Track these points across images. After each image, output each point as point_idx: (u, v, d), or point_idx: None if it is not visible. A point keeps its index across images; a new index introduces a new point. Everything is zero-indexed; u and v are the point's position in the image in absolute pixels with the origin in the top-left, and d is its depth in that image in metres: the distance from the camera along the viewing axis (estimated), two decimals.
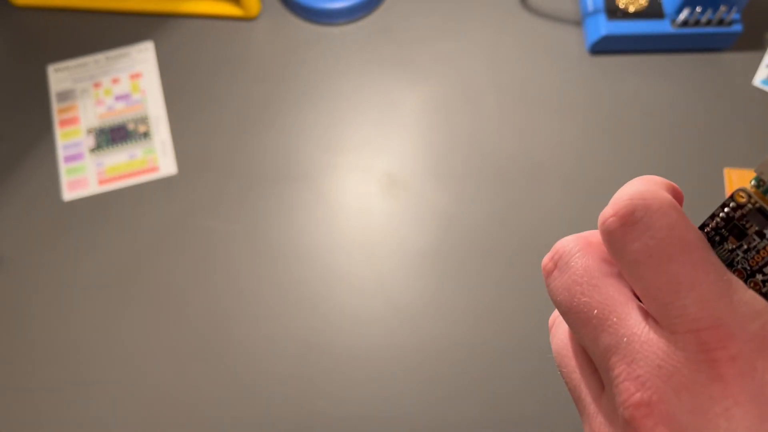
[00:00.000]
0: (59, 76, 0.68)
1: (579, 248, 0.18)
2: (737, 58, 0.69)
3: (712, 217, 0.17)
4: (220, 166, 0.65)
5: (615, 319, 0.17)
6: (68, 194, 0.64)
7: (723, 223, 0.17)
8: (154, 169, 0.65)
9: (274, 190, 0.64)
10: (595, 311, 0.17)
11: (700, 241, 0.16)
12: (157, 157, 0.65)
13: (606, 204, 0.62)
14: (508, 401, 0.57)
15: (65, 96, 0.68)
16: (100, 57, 0.69)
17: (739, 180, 0.64)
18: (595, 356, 0.17)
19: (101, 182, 0.64)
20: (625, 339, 0.16)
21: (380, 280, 0.61)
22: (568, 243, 0.19)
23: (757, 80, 0.68)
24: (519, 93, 0.68)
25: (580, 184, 0.64)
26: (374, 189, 0.64)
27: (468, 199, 0.64)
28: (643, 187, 0.17)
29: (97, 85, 0.68)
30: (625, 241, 0.17)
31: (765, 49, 0.69)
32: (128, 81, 0.68)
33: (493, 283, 0.61)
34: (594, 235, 0.19)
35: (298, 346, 0.59)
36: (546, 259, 0.19)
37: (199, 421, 0.57)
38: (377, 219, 0.63)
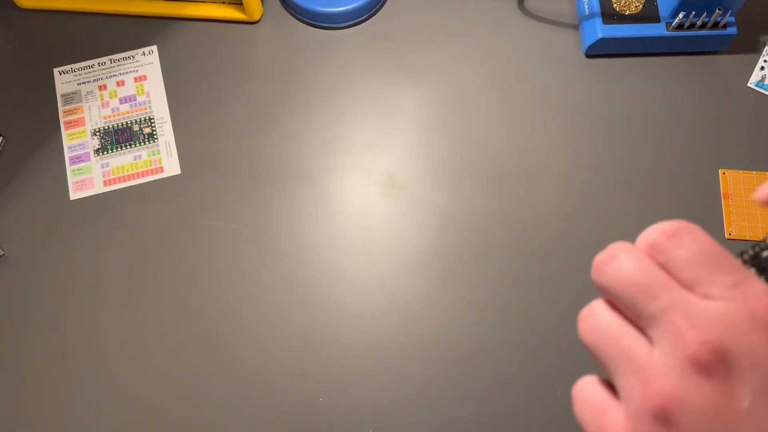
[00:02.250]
0: (65, 79, 0.70)
1: (632, 248, 0.23)
2: (732, 61, 0.70)
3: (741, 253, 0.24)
4: (223, 166, 0.66)
5: (675, 290, 0.21)
6: (74, 195, 0.65)
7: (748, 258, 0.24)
8: (158, 170, 0.66)
9: (276, 190, 0.65)
10: (656, 284, 0.22)
11: (725, 250, 0.22)
12: (162, 158, 0.66)
13: (602, 204, 0.63)
14: (505, 396, 0.58)
15: (71, 98, 0.69)
16: (105, 60, 0.70)
17: (734, 181, 0.65)
18: (653, 319, 0.22)
19: (106, 183, 0.65)
20: (683, 302, 0.21)
21: (380, 279, 0.62)
22: (622, 243, 0.24)
23: (752, 82, 0.69)
24: (517, 95, 0.69)
25: (577, 185, 0.65)
26: (374, 189, 0.65)
27: (466, 199, 0.65)
28: (672, 222, 0.23)
29: (102, 87, 0.69)
30: (674, 248, 0.22)
31: (760, 52, 0.70)
32: (133, 83, 0.69)
33: (490, 281, 0.62)
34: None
35: (300, 342, 0.60)
36: (602, 255, 0.23)
37: (203, 416, 0.58)
38: (377, 218, 0.64)
